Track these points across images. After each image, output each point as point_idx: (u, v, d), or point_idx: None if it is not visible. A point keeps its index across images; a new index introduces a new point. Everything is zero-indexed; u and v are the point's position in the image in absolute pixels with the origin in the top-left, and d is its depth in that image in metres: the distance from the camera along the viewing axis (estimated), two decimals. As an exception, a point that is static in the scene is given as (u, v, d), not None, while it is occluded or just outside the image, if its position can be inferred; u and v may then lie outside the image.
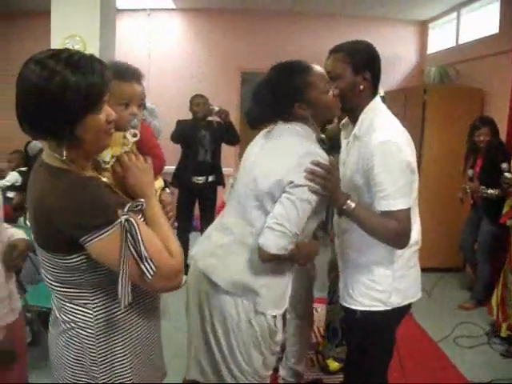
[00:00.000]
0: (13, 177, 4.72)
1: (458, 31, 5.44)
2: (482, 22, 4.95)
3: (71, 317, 1.16)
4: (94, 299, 1.15)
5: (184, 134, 4.23)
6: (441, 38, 5.93)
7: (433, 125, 4.48)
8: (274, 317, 1.61)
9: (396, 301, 1.69)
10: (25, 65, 1.03)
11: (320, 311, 3.31)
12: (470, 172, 3.91)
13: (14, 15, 5.91)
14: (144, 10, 6.03)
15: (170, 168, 4.15)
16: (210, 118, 4.28)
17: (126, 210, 1.07)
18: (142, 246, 1.05)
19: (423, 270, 1.83)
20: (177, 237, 2.93)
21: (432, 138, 4.45)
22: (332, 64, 1.70)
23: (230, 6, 5.95)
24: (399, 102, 4.84)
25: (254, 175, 1.58)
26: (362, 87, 1.68)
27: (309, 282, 2.53)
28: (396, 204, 1.53)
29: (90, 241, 1.04)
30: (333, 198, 1.55)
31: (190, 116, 4.33)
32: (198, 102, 4.23)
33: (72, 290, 1.14)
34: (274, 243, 1.45)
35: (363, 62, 1.68)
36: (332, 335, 2.81)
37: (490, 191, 3.45)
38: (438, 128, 4.45)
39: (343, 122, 1.89)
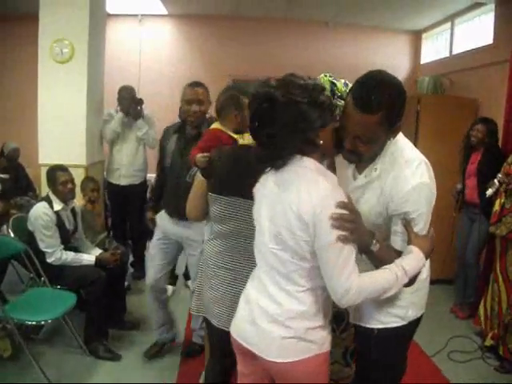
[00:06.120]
0: None
1: (451, 42, 5.44)
2: (476, 33, 4.95)
3: None
4: None
5: None
6: (434, 48, 5.93)
7: (426, 134, 4.44)
8: None
9: (412, 314, 1.67)
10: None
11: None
12: (458, 186, 3.92)
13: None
14: (135, 15, 6.02)
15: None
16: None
17: None
18: None
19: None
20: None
21: (425, 147, 4.36)
22: (364, 127, 1.37)
23: (221, 13, 5.95)
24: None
25: None
26: (392, 139, 1.48)
27: None
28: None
29: None
30: (360, 238, 1.37)
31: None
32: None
33: None
34: None
35: (399, 115, 1.41)
36: None
37: (490, 190, 3.26)
38: (431, 138, 4.41)
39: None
